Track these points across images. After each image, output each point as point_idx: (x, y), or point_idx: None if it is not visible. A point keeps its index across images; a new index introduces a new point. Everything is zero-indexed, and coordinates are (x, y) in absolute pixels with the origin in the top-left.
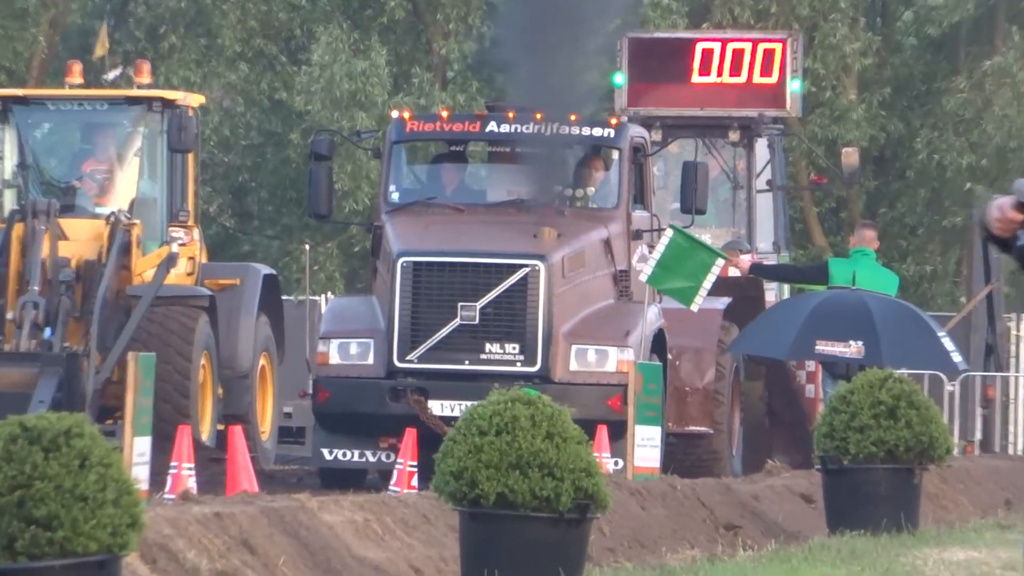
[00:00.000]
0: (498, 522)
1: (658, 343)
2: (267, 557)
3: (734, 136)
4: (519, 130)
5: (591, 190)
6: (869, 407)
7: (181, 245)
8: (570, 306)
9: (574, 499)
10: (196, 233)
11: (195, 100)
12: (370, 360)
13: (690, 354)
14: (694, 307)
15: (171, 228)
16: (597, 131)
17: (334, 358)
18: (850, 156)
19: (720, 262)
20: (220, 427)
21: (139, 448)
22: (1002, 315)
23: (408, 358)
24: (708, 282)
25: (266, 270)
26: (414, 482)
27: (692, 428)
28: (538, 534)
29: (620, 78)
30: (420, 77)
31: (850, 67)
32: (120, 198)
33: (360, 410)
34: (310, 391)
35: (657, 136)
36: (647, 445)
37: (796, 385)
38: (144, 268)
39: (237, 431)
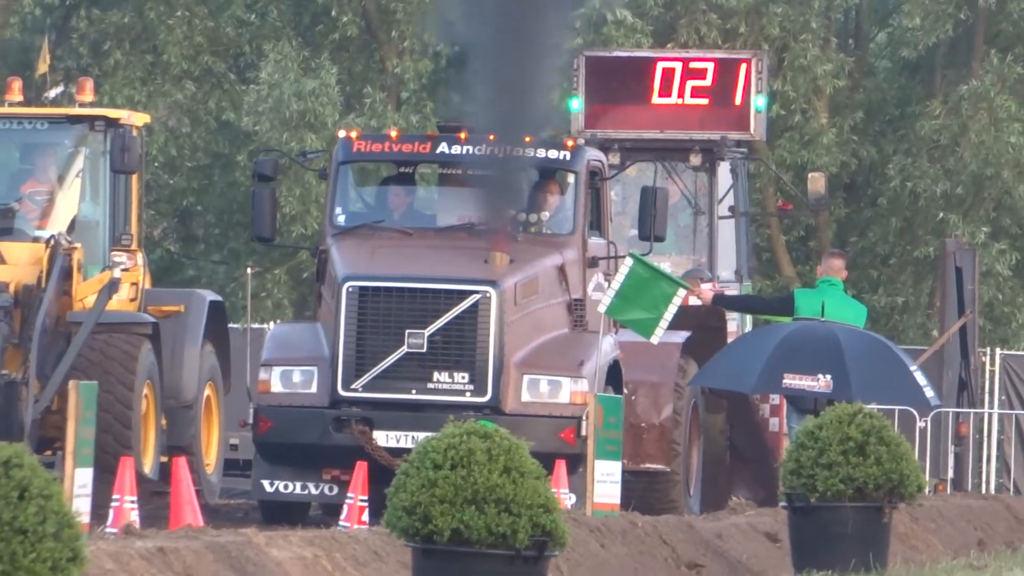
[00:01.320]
0: (452, 559)
1: (613, 375)
2: None
3: (695, 160)
4: (471, 152)
5: (545, 215)
6: (838, 443)
7: (124, 270)
8: (522, 335)
9: (531, 536)
10: (139, 257)
11: (139, 119)
12: (313, 388)
13: (646, 389)
14: (654, 339)
15: (114, 252)
16: (552, 153)
17: (276, 386)
18: (816, 182)
19: (682, 292)
20: (163, 459)
21: (80, 480)
22: (976, 349)
23: (353, 387)
24: (669, 313)
25: (212, 296)
26: (365, 517)
27: (648, 466)
28: (494, 572)
29: (576, 101)
30: (373, 97)
31: (821, 90)
32: (60, 221)
33: (302, 440)
34: (251, 421)
35: (615, 159)
36: (607, 481)
37: (759, 419)
38: (85, 293)
39: (181, 463)
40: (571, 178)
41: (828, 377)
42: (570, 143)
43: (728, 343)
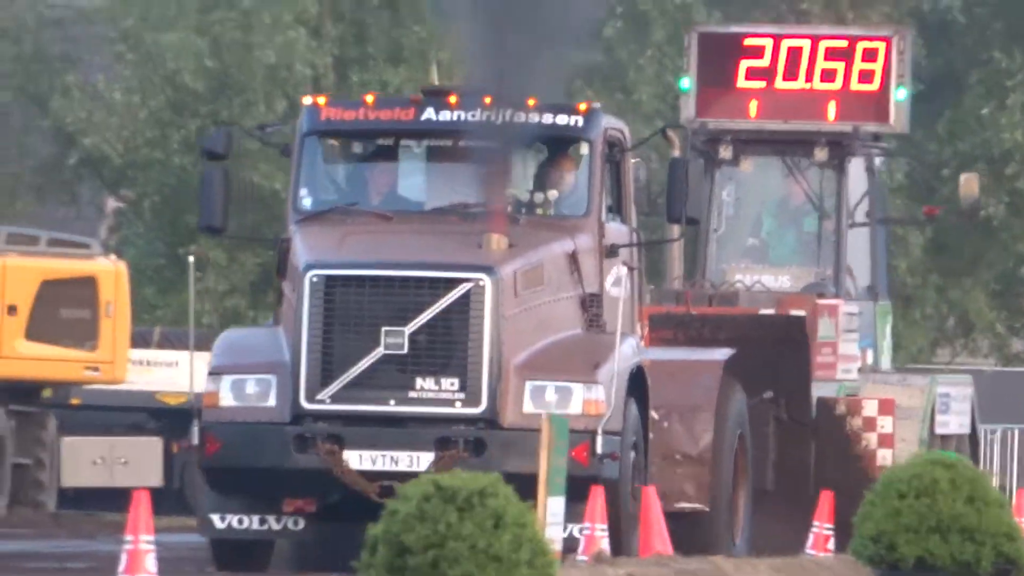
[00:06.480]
0: None
1: (636, 385)
2: None
3: (822, 155)
4: (462, 118)
5: (554, 194)
6: None
7: None
8: (524, 333)
9: (995, 563)
10: None
11: None
12: (271, 401)
13: (681, 413)
14: None
15: None
16: (561, 119)
17: (226, 399)
18: (969, 183)
19: None
20: None
21: (552, 508)
22: None
23: (319, 398)
24: None
25: None
26: (830, 545)
27: (683, 505)
28: None
29: (687, 82)
30: None
31: None
32: None
33: (259, 464)
34: (195, 441)
35: (727, 153)
36: None
37: (862, 450)
38: None
39: (651, 492)
40: (584, 148)
41: None
42: (583, 107)
43: None
